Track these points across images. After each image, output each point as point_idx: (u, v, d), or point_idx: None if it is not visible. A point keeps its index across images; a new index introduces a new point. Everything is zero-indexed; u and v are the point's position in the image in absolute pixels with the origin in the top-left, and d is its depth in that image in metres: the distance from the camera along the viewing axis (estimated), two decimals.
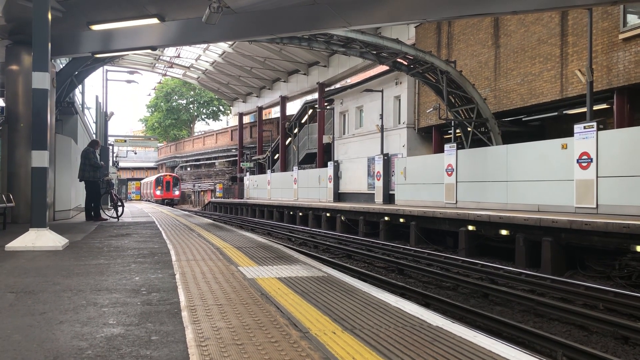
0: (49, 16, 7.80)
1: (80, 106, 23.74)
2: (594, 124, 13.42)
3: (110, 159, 38.26)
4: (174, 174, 62.36)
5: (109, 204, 19.64)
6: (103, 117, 29.41)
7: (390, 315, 3.75)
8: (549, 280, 10.10)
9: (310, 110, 39.55)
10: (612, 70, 15.80)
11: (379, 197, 25.52)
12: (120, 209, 16.13)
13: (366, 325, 3.48)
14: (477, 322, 7.32)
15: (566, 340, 6.16)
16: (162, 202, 54.52)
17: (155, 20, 10.10)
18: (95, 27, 10.77)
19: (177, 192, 58.15)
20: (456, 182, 18.94)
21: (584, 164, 13.42)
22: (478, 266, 12.10)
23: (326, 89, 36.02)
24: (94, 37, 12.25)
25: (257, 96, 46.55)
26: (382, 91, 26.76)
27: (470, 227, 14.64)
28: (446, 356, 2.84)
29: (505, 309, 8.48)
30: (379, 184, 25.61)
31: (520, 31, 19.70)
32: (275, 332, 3.30)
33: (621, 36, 15.47)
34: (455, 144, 19.52)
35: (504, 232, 13.40)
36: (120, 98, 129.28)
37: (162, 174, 62.29)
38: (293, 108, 48.18)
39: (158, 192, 56.43)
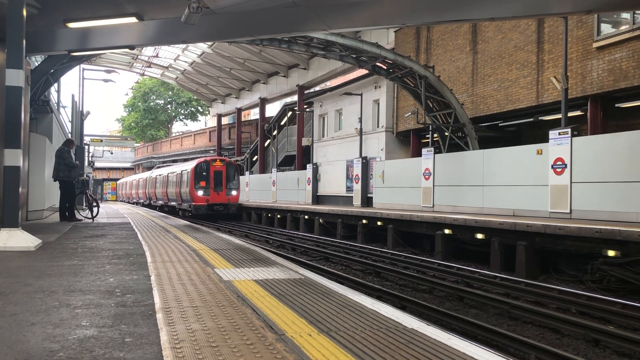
0: (24, 12, 7.68)
1: (55, 105, 23.38)
2: (569, 130, 13.66)
3: (86, 158, 37.73)
4: (226, 158, 37.21)
5: (84, 205, 19.36)
6: (79, 116, 28.99)
7: (367, 318, 3.77)
8: (523, 284, 10.23)
9: (290, 113, 39.51)
10: (587, 78, 16.10)
11: (357, 200, 25.60)
12: (95, 209, 15.93)
13: (342, 327, 3.49)
14: (452, 324, 7.39)
15: (539, 343, 6.25)
16: (206, 211, 31.09)
17: (133, 19, 10.00)
18: (72, 25, 10.61)
19: (234, 192, 32.58)
20: (433, 185, 19.09)
21: (559, 170, 13.65)
22: (454, 269, 12.22)
23: (306, 92, 36.03)
24: (70, 35, 12.06)
25: (236, 97, 46.36)
26: (361, 95, 26.87)
27: (447, 231, 14.77)
28: (421, 358, 2.87)
29: (480, 312, 8.57)
30: (357, 187, 25.69)
31: (497, 38, 19.97)
32: (251, 334, 3.29)
33: (595, 45, 15.79)
34: (432, 148, 19.68)
35: (479, 235, 13.54)
36: (97, 97, 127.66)
37: (207, 157, 36.49)
38: (272, 110, 48.12)
39: (200, 193, 31.18)
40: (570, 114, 15.42)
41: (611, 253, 10.09)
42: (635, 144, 12.03)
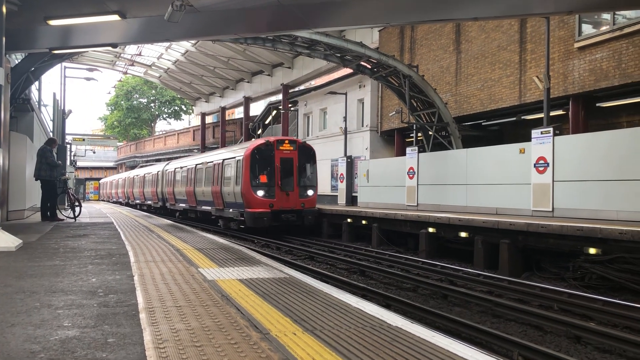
0: (4, 9, 7.56)
1: (36, 103, 23.07)
2: (551, 129, 13.80)
3: (68, 157, 37.29)
4: (297, 138, 27.11)
5: (66, 204, 19.14)
6: (61, 115, 28.66)
7: (351, 316, 3.78)
8: (506, 282, 10.33)
9: (274, 112, 39.42)
10: (568, 78, 16.29)
11: (342, 199, 25.63)
12: (77, 209, 15.76)
13: (327, 326, 3.49)
14: (436, 322, 7.43)
15: (522, 340, 6.31)
16: (270, 222, 19.72)
17: (116, 17, 9.89)
18: (52, 22, 10.47)
19: (311, 192, 21.10)
20: (417, 184, 19.18)
21: (541, 169, 13.78)
22: (438, 268, 12.29)
23: (290, 91, 35.98)
24: (51, 33, 11.90)
25: (220, 96, 46.14)
26: (345, 94, 26.90)
27: (431, 229, 14.85)
28: (405, 356, 2.88)
29: (464, 309, 8.63)
30: (342, 185, 25.72)
31: (481, 37, 20.11)
32: (235, 333, 3.28)
33: (576, 45, 15.97)
34: (416, 148, 19.77)
35: (463, 234, 13.64)
36: (79, 96, 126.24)
37: (270, 137, 22.83)
38: (257, 109, 47.94)
39: (260, 193, 19.81)
40: (552, 114, 15.59)
41: (592, 251, 10.22)
42: (615, 143, 12.19)
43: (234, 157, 21.19)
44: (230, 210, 21.28)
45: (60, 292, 4.56)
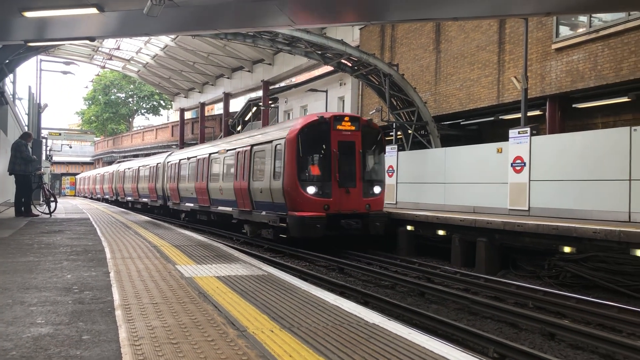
0: None
1: (11, 96, 22.66)
2: (528, 129, 13.98)
3: (44, 152, 36.68)
4: (362, 117, 17.36)
5: (41, 200, 18.84)
6: (36, 109, 28.18)
7: (329, 313, 3.78)
8: (482, 280, 10.44)
9: (254, 108, 39.26)
10: (546, 79, 16.51)
11: None
12: (53, 204, 15.53)
13: (304, 323, 3.50)
14: (413, 319, 7.48)
15: (497, 337, 6.39)
16: (325, 230, 13.70)
17: (94, 10, 9.74)
18: (28, 14, 10.27)
19: (378, 190, 14.94)
20: (396, 182, 19.27)
21: (518, 168, 13.95)
22: (416, 265, 12.37)
23: (271, 87, 35.88)
24: (27, 25, 11.67)
25: (199, 92, 45.82)
26: (326, 91, 26.92)
27: (409, 227, 14.93)
28: (381, 352, 2.89)
29: (441, 307, 8.71)
30: None
31: (460, 37, 20.27)
32: (212, 330, 3.26)
33: (554, 46, 16.19)
34: (396, 146, 19.86)
35: (441, 232, 13.74)
36: (55, 90, 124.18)
37: (324, 113, 15.71)
38: (236, 105, 47.74)
39: (311, 191, 13.86)
40: (529, 114, 15.80)
41: (567, 249, 10.38)
42: (591, 144, 12.40)
43: (271, 142, 15.29)
44: (264, 213, 15.52)
45: (33, 288, 4.49)
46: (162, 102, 68.65)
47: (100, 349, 2.87)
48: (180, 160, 24.86)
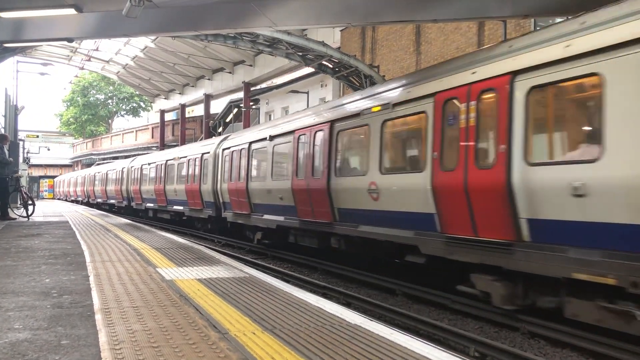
0: None
1: None
2: None
3: (21, 155, 36.13)
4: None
5: (19, 203, 18.55)
6: (13, 111, 27.74)
7: (311, 315, 3.79)
8: None
9: (236, 110, 39.13)
10: None
11: None
12: (30, 207, 15.32)
13: (286, 325, 3.50)
14: (395, 320, 7.52)
15: (478, 337, 6.45)
16: None
17: (72, 11, 9.64)
18: (4, 15, 10.13)
19: None
20: None
21: None
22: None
23: (252, 89, 35.78)
24: (3, 25, 11.50)
25: (180, 93, 45.52)
26: (307, 93, 26.96)
27: None
28: (363, 353, 2.91)
29: (423, 307, 8.75)
30: None
31: (440, 39, 20.44)
32: (193, 333, 3.25)
33: None
34: None
35: None
36: (33, 92, 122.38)
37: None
38: (217, 107, 47.46)
39: None
40: None
41: None
42: None
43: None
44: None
45: (11, 293, 4.42)
46: (142, 103, 68.05)
47: (80, 354, 2.84)
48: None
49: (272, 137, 13.27)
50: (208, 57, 35.76)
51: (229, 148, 16.45)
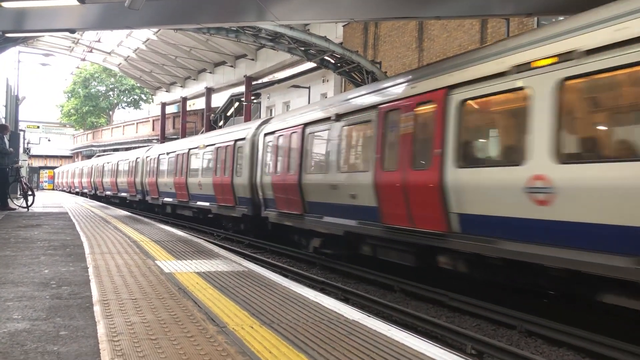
0: None
1: None
2: None
3: (22, 145, 36.11)
4: None
5: (18, 193, 18.55)
6: (14, 101, 27.72)
7: (309, 310, 3.80)
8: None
9: (237, 104, 39.11)
10: None
11: None
12: (30, 198, 15.32)
13: (284, 319, 3.50)
14: (393, 316, 7.53)
15: (475, 334, 6.47)
16: None
17: (74, 2, 9.61)
18: (5, 4, 10.11)
19: None
20: None
21: None
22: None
23: (253, 83, 35.74)
24: (5, 15, 11.48)
25: (181, 86, 45.48)
26: (309, 88, 26.92)
27: None
28: (361, 349, 2.91)
29: (421, 303, 8.77)
30: None
31: (443, 36, 20.39)
32: (191, 326, 3.25)
33: None
34: None
35: None
36: (34, 83, 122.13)
37: None
38: (219, 100, 47.45)
39: None
40: None
41: None
42: None
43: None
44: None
45: (10, 283, 4.43)
46: (143, 96, 67.99)
47: (78, 345, 2.85)
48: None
49: (339, 117, 10.37)
50: (210, 51, 35.71)
51: (273, 133, 13.37)
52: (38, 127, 46.13)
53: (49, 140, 61.75)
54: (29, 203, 15.08)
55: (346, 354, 2.82)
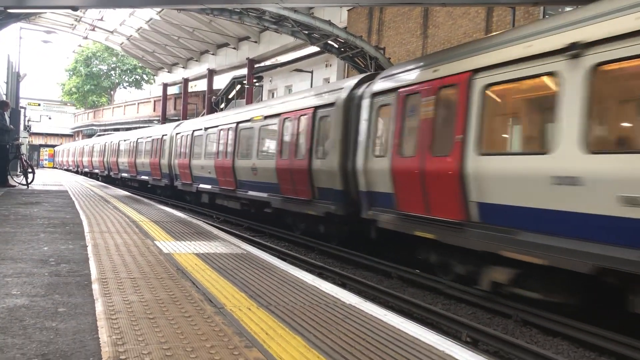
0: None
1: None
2: None
3: (22, 122, 36.03)
4: None
5: (18, 170, 18.56)
6: (15, 78, 27.60)
7: (307, 293, 3.82)
8: None
9: (239, 86, 38.96)
10: None
11: None
12: (30, 175, 15.33)
13: (282, 302, 3.52)
14: (389, 302, 7.57)
15: (470, 322, 6.51)
16: None
17: None
18: None
19: None
20: None
21: None
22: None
23: (256, 66, 35.57)
24: None
25: (183, 67, 45.28)
26: (311, 72, 26.81)
27: None
28: (357, 332, 2.93)
29: (417, 290, 8.81)
30: None
31: (448, 23, 20.25)
32: (189, 307, 3.27)
33: None
34: None
35: None
36: (36, 59, 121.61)
37: None
38: (221, 82, 47.27)
39: None
40: None
41: None
42: None
43: None
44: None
45: (9, 259, 4.45)
46: (144, 76, 67.74)
47: (76, 322, 2.87)
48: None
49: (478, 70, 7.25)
50: (213, 32, 35.48)
51: (393, 91, 8.90)
52: (39, 104, 45.99)
53: (49, 118, 61.65)
54: (29, 180, 15.09)
55: (342, 337, 2.84)
